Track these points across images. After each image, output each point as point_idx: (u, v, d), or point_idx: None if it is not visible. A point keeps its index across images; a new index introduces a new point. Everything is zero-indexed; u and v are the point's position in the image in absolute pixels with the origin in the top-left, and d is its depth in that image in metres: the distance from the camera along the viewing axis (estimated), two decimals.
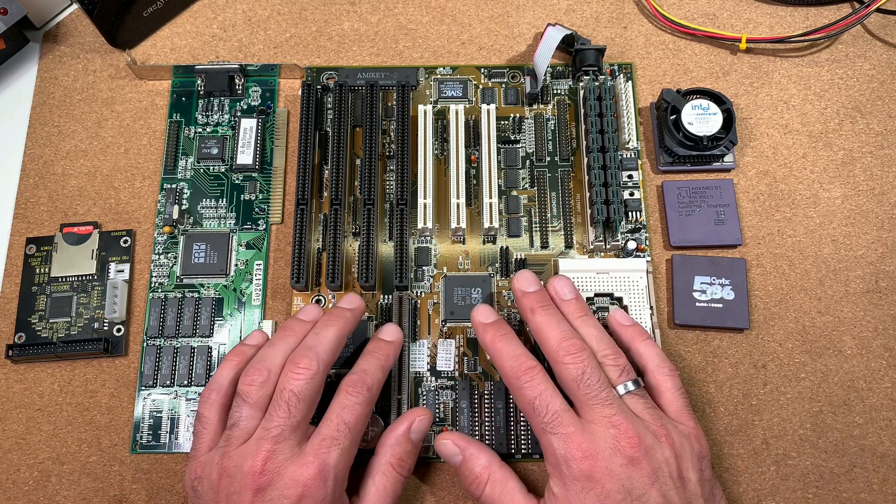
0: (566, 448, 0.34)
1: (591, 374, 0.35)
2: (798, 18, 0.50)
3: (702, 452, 0.36)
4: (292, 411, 0.34)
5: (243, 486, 0.33)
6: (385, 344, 0.39)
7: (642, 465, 0.33)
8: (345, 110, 0.46)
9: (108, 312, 0.43)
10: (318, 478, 0.33)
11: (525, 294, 0.39)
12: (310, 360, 0.35)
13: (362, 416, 0.36)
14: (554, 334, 0.36)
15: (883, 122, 0.47)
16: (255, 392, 0.35)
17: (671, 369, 0.38)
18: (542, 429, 0.35)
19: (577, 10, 0.51)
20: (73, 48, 0.50)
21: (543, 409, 0.35)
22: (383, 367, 0.38)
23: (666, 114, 0.46)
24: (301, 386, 0.35)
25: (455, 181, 0.45)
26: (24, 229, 0.46)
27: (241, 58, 0.50)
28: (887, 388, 0.42)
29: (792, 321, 0.43)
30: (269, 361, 0.36)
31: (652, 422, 0.35)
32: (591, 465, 0.33)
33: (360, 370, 0.37)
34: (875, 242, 0.45)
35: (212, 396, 0.37)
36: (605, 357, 0.37)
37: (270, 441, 0.33)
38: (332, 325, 0.38)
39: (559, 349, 0.36)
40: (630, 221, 0.45)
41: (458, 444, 0.38)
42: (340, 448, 0.34)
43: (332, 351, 0.37)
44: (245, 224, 0.46)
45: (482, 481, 0.37)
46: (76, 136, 0.48)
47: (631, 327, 0.40)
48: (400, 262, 0.43)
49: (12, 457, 0.41)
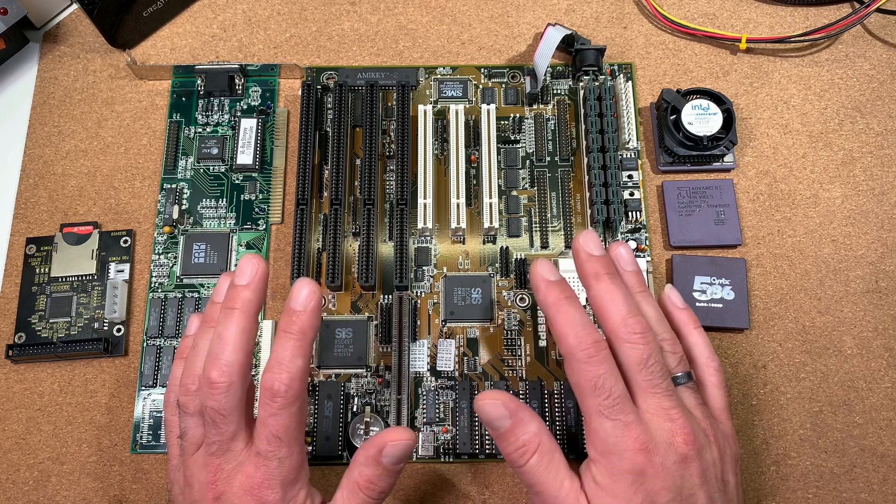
0: (622, 437, 0.31)
1: (656, 359, 0.32)
2: (798, 18, 0.50)
3: (736, 455, 0.35)
4: (221, 428, 0.32)
5: (203, 497, 0.33)
6: (297, 315, 0.33)
7: (693, 465, 0.32)
8: (345, 110, 0.46)
9: (108, 312, 0.43)
10: (266, 486, 0.32)
11: (591, 257, 0.34)
12: (220, 371, 0.32)
13: (289, 419, 0.32)
14: (619, 308, 0.33)
15: (883, 122, 0.47)
16: (192, 402, 0.34)
17: (718, 365, 0.36)
18: (599, 411, 0.32)
19: (577, 10, 0.51)
20: (73, 48, 0.50)
21: (606, 390, 0.31)
22: (301, 349, 0.32)
23: (666, 114, 0.46)
24: (220, 402, 0.32)
25: (455, 181, 0.45)
26: (24, 229, 0.46)
27: (241, 58, 0.50)
28: (887, 388, 0.42)
29: (792, 321, 0.43)
30: (196, 366, 0.34)
31: (702, 419, 0.33)
32: (646, 459, 0.31)
33: (273, 365, 0.32)
34: (875, 242, 0.45)
35: (171, 400, 0.37)
36: (664, 342, 0.34)
37: (213, 456, 0.33)
38: (231, 320, 0.33)
39: (625, 325, 0.33)
40: (630, 221, 0.45)
41: (509, 406, 0.33)
42: (279, 458, 0.32)
43: (240, 350, 0.32)
44: (245, 224, 0.46)
45: (530, 450, 0.32)
46: (76, 136, 0.48)
47: (684, 311, 0.38)
48: (400, 262, 0.43)
49: (12, 457, 0.41)
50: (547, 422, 0.41)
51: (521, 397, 0.41)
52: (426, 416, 0.41)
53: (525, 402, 0.37)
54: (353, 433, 0.41)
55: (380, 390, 0.42)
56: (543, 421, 0.34)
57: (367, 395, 0.42)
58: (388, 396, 0.42)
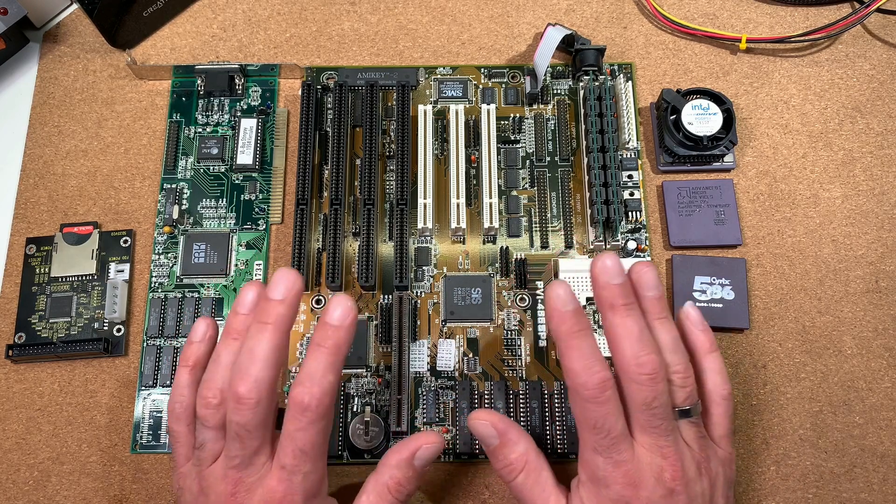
0: (612, 472, 0.32)
1: (660, 402, 0.32)
2: (798, 18, 0.50)
3: (731, 479, 0.35)
4: (245, 443, 0.32)
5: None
6: (333, 330, 0.33)
7: (679, 498, 0.32)
8: (345, 110, 0.46)
9: (108, 312, 0.43)
10: (287, 500, 0.32)
11: (608, 284, 0.33)
12: (248, 388, 0.31)
13: (317, 434, 0.32)
14: (632, 345, 0.33)
15: (883, 122, 0.47)
16: (212, 416, 0.33)
17: (728, 393, 0.36)
18: (594, 447, 0.33)
19: (577, 10, 0.51)
20: (73, 48, 0.50)
21: (605, 431, 0.32)
22: (333, 364, 0.32)
23: (666, 114, 0.46)
24: (247, 418, 0.32)
25: (455, 181, 0.45)
26: (24, 229, 0.46)
27: (241, 58, 0.50)
28: (887, 388, 0.42)
29: (792, 321, 0.43)
30: (218, 379, 0.34)
31: (699, 451, 0.34)
32: (633, 493, 0.32)
33: (304, 378, 0.32)
34: (875, 242, 0.45)
35: (176, 409, 0.36)
36: (675, 375, 0.34)
37: (234, 469, 0.33)
38: (263, 335, 0.32)
39: (635, 364, 0.32)
40: (630, 221, 0.45)
41: (497, 426, 0.35)
42: (302, 473, 0.32)
43: (271, 367, 0.32)
44: (245, 224, 0.46)
45: (517, 469, 0.35)
46: (76, 136, 0.48)
47: (703, 333, 0.37)
48: (400, 262, 0.43)
49: (12, 457, 0.41)
50: (547, 421, 0.41)
51: (521, 397, 0.41)
52: (426, 417, 0.41)
53: (526, 406, 0.38)
54: (353, 433, 0.41)
55: (380, 390, 0.42)
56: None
57: (368, 395, 0.42)
58: (388, 396, 0.42)
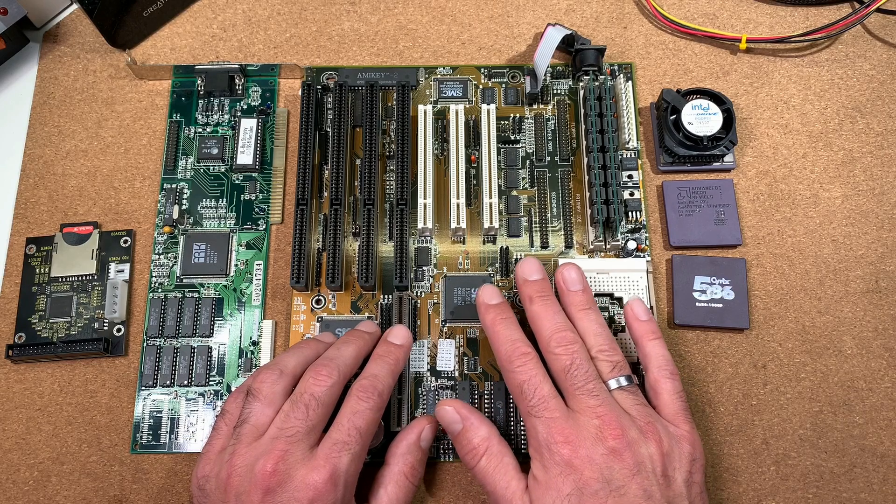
0: (548, 432, 0.34)
1: (579, 364, 0.35)
2: (798, 18, 0.50)
3: (693, 455, 0.35)
4: (310, 413, 0.34)
5: (253, 486, 0.32)
6: (395, 348, 0.39)
7: (624, 457, 0.33)
8: (345, 110, 0.46)
9: (108, 312, 0.43)
10: (330, 482, 0.33)
11: (526, 282, 0.39)
12: (330, 369, 0.36)
13: (373, 421, 0.36)
14: (547, 325, 0.37)
15: (883, 122, 0.47)
16: (268, 388, 0.35)
17: (673, 371, 0.38)
18: (528, 412, 0.35)
19: (577, 10, 0.51)
20: (73, 48, 0.50)
21: (531, 392, 0.35)
22: (393, 372, 0.38)
23: (666, 114, 0.46)
24: (322, 391, 0.35)
25: (455, 181, 0.45)
26: (24, 229, 0.46)
27: (241, 58, 0.50)
28: (887, 388, 0.42)
29: (792, 321, 0.43)
30: (282, 364, 0.37)
31: (640, 418, 0.35)
32: (572, 450, 0.33)
33: (370, 375, 0.37)
34: (875, 242, 0.45)
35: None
36: (601, 352, 0.37)
37: (285, 441, 0.33)
38: (352, 343, 0.38)
39: (551, 339, 0.36)
40: (630, 221, 0.45)
41: (460, 412, 0.37)
42: (351, 453, 0.34)
43: (351, 365, 0.37)
44: (245, 224, 0.46)
45: (479, 453, 0.36)
46: (76, 136, 0.48)
47: (645, 323, 0.39)
48: (400, 262, 0.43)
49: (12, 457, 0.41)
50: None
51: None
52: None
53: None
54: None
55: None
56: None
57: None
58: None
